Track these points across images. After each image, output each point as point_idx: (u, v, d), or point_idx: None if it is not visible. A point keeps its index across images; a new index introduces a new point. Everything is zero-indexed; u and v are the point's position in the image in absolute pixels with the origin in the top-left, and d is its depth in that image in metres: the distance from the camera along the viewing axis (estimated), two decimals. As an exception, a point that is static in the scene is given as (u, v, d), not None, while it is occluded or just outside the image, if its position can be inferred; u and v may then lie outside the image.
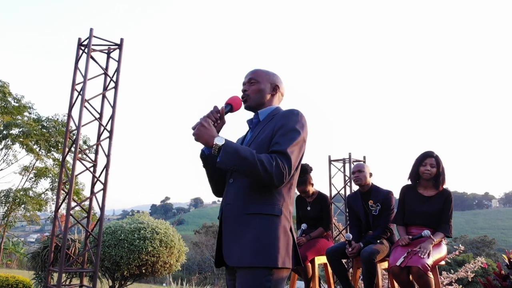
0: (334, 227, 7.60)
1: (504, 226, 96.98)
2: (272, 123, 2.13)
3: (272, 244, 1.97)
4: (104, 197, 4.54)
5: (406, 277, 3.89)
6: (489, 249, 42.42)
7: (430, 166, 4.19)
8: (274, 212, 2.02)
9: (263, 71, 2.32)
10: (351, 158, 6.47)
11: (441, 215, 4.15)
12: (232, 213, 2.07)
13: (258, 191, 2.03)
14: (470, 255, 22.72)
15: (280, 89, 2.35)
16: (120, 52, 4.69)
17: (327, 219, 5.14)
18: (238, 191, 2.08)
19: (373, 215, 4.67)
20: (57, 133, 10.79)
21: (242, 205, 2.04)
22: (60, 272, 4.06)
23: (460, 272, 7.30)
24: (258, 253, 1.94)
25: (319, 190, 5.22)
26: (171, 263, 7.45)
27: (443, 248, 4.19)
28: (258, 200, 2.03)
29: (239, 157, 1.92)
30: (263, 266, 1.93)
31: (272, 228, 2.00)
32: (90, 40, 4.52)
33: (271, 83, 2.30)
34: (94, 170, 4.63)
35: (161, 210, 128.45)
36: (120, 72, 4.71)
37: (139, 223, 7.30)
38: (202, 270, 33.56)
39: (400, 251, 4.00)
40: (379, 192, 4.72)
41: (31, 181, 11.52)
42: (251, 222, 2.00)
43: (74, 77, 4.56)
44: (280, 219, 2.03)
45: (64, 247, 4.11)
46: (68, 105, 4.58)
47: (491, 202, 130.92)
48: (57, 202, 4.45)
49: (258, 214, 2.01)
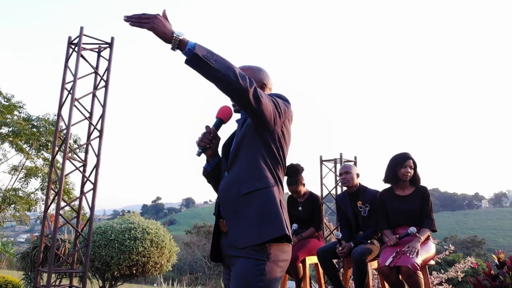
0: (325, 227, 7.62)
1: (493, 226, 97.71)
2: None
3: (275, 215, 1.97)
4: (94, 197, 4.51)
5: (395, 277, 3.92)
6: (479, 249, 42.72)
7: (409, 168, 4.28)
8: (269, 184, 2.02)
9: (247, 70, 2.23)
10: (342, 158, 6.50)
11: (422, 211, 4.23)
12: (228, 197, 2.06)
13: (249, 171, 2.04)
14: (460, 255, 22.86)
15: (268, 85, 2.28)
16: (110, 51, 4.67)
17: (318, 219, 5.14)
18: (230, 179, 2.08)
19: (363, 216, 4.68)
20: (47, 132, 10.70)
21: (236, 188, 2.04)
22: (50, 273, 4.03)
23: (450, 272, 7.34)
24: (265, 227, 1.94)
25: (311, 190, 5.23)
26: (162, 263, 7.46)
27: (432, 247, 4.24)
28: (250, 179, 2.02)
29: (213, 52, 1.79)
30: (270, 239, 1.92)
31: (270, 200, 2.00)
32: (80, 38, 4.48)
33: (257, 82, 2.20)
34: (84, 169, 4.60)
35: (152, 210, 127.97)
36: (110, 71, 4.69)
37: (129, 223, 7.29)
38: (193, 271, 33.45)
39: (389, 251, 4.04)
40: (367, 192, 4.74)
41: (21, 181, 11.43)
42: (250, 200, 2.00)
43: (64, 76, 4.52)
44: (275, 190, 2.03)
45: (53, 247, 4.08)
46: (58, 104, 4.54)
47: (481, 202, 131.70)
48: (47, 202, 4.41)
49: (254, 191, 2.00)
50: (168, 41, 1.77)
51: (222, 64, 1.77)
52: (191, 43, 1.76)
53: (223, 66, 1.77)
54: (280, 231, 1.95)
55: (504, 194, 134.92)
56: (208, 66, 1.75)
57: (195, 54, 1.74)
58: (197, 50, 1.74)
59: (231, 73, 1.78)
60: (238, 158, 2.10)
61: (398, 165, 4.29)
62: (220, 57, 1.79)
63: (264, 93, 1.97)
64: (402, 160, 4.30)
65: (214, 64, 1.75)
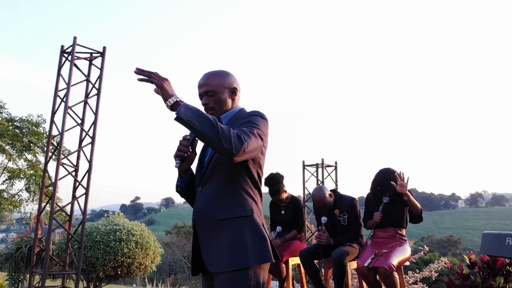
0: (307, 229, 7.84)
1: (469, 226, 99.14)
2: (235, 125, 2.09)
3: (247, 245, 2.01)
4: (86, 201, 4.67)
5: (373, 277, 4.15)
6: (455, 248, 43.21)
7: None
8: (246, 213, 2.06)
9: (215, 77, 2.21)
10: (324, 163, 6.72)
11: (408, 210, 4.45)
12: (204, 220, 2.09)
13: (226, 195, 2.07)
14: (437, 255, 23.34)
15: (238, 88, 2.27)
16: (102, 60, 4.82)
17: (300, 222, 5.31)
18: (206, 199, 2.11)
19: (342, 225, 4.77)
20: (30, 133, 10.70)
21: (212, 212, 2.06)
22: (44, 274, 4.18)
23: (424, 271, 7.63)
24: (236, 256, 1.99)
25: (292, 194, 5.37)
26: (146, 264, 7.55)
27: (407, 249, 4.48)
28: (227, 204, 2.06)
29: (199, 114, 1.91)
30: (241, 268, 1.97)
31: (245, 229, 2.04)
32: (73, 48, 4.63)
33: (228, 87, 2.22)
34: (76, 174, 4.75)
35: (131, 210, 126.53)
36: (102, 80, 4.85)
37: (114, 224, 7.37)
38: (172, 271, 33.39)
39: (368, 252, 4.26)
40: (343, 200, 4.81)
41: (6, 182, 11.41)
42: (225, 227, 2.03)
43: (57, 84, 4.68)
44: (252, 218, 2.07)
45: (48, 249, 4.23)
46: (51, 111, 4.69)
47: (457, 202, 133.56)
48: (40, 206, 4.55)
49: (230, 219, 2.04)
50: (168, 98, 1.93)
51: (206, 127, 1.88)
52: (180, 107, 1.91)
53: (207, 129, 1.88)
54: (252, 262, 2.01)
55: (480, 194, 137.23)
56: (191, 128, 1.90)
57: (179, 117, 1.89)
58: (182, 114, 1.89)
59: (214, 136, 1.87)
60: (214, 176, 2.12)
61: (392, 179, 4.39)
62: (206, 120, 1.90)
63: (252, 137, 1.99)
64: (393, 175, 4.43)
65: (198, 126, 1.87)
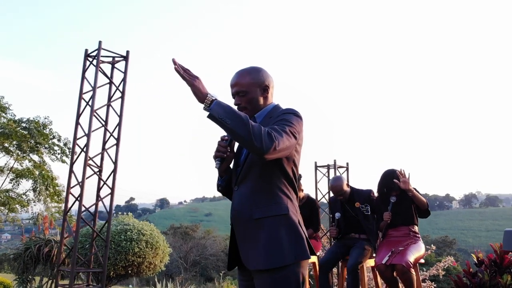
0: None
1: (463, 226, 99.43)
2: (270, 123, 2.09)
3: (284, 243, 2.02)
4: (111, 200, 4.83)
5: (390, 274, 4.31)
6: (450, 249, 43.57)
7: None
8: (282, 212, 2.06)
9: (246, 76, 2.20)
10: (336, 164, 6.85)
11: (415, 206, 4.58)
12: (241, 219, 2.12)
13: (261, 194, 2.08)
14: (433, 255, 23.50)
15: (270, 85, 2.25)
16: (126, 64, 4.96)
17: (316, 221, 5.46)
18: (242, 198, 2.12)
19: (365, 214, 4.90)
20: (37, 135, 10.78)
21: (248, 211, 2.08)
22: (72, 272, 4.31)
23: (432, 270, 7.82)
24: (273, 254, 2.00)
25: (308, 194, 5.53)
26: (155, 263, 7.67)
27: (422, 246, 4.63)
28: (263, 203, 2.06)
29: (231, 112, 1.92)
30: (279, 266, 1.99)
31: (281, 228, 2.04)
32: (99, 52, 4.77)
33: (259, 86, 2.20)
34: (100, 175, 4.88)
35: (125, 210, 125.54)
36: (126, 83, 5.00)
37: (124, 224, 7.47)
38: (169, 272, 33.44)
39: (385, 250, 4.42)
40: (360, 193, 4.99)
41: (12, 182, 11.48)
42: (261, 226, 2.05)
43: (81, 87, 4.81)
44: (288, 216, 2.07)
45: (75, 248, 4.36)
46: (76, 113, 4.82)
47: (452, 203, 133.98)
48: (66, 206, 4.69)
49: (266, 218, 2.05)
50: (201, 101, 1.95)
51: (237, 124, 1.89)
52: (213, 104, 1.93)
53: (238, 126, 1.89)
54: (289, 260, 2.01)
55: (474, 195, 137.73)
56: (223, 125, 1.91)
57: (211, 114, 1.92)
58: (214, 112, 1.91)
59: (245, 134, 1.88)
60: (250, 175, 2.13)
61: (394, 178, 4.55)
62: (237, 118, 1.91)
63: (284, 135, 1.98)
64: (394, 175, 4.58)
65: (229, 124, 1.89)
